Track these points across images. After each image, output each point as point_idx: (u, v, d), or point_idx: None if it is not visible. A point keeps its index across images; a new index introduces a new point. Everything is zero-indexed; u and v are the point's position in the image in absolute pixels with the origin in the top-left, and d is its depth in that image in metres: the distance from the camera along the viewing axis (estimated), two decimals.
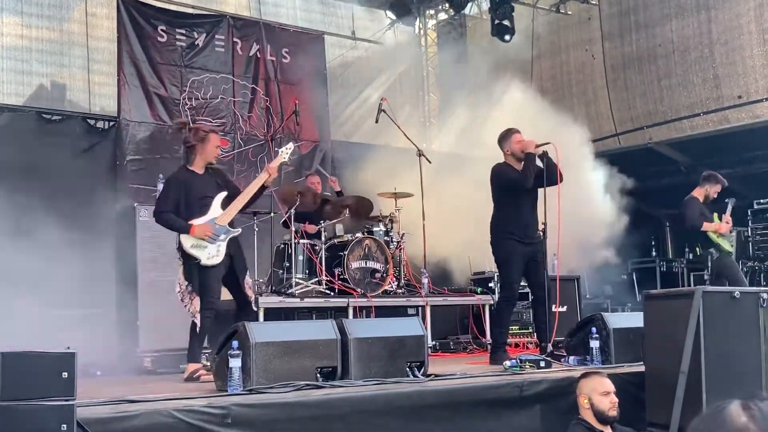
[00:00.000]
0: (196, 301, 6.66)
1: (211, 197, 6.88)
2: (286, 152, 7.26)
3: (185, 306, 6.74)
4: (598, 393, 5.30)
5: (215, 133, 7.09)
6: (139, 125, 11.39)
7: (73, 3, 12.20)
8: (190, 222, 6.69)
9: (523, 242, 7.38)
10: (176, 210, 6.78)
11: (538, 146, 7.29)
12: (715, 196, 9.58)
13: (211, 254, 6.71)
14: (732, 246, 9.45)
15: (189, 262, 6.72)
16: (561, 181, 7.22)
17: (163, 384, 6.42)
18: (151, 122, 11.49)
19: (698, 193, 9.59)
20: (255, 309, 7.10)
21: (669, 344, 5.45)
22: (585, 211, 12.58)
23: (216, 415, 4.58)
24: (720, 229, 9.38)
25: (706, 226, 9.42)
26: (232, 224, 6.97)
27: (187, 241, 6.67)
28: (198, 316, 6.63)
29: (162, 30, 11.72)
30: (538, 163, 7.35)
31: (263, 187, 7.13)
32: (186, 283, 6.73)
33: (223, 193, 6.94)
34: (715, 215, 9.55)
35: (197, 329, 6.65)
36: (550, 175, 7.14)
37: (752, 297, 5.48)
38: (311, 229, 9.66)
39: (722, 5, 13.14)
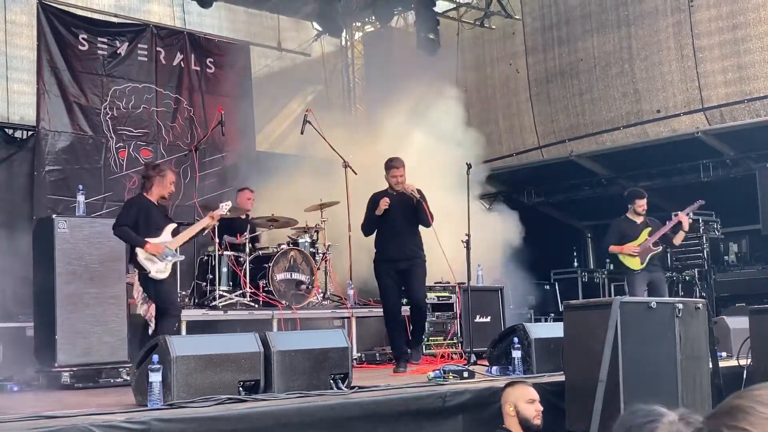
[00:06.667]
0: (152, 308, 7.37)
1: (163, 225, 7.61)
2: (225, 207, 7.91)
3: (144, 313, 7.41)
4: (524, 401, 5.37)
5: (172, 171, 7.87)
6: (58, 135, 11.17)
7: None
8: (146, 239, 7.33)
9: (391, 261, 8.08)
10: (134, 227, 7.42)
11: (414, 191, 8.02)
12: (642, 210, 9.56)
13: (159, 269, 7.36)
14: (642, 264, 9.43)
15: (142, 272, 7.39)
16: (431, 222, 8.03)
17: (82, 399, 6.30)
18: (70, 132, 11.28)
19: (628, 212, 9.64)
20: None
21: (588, 353, 5.54)
22: (509, 222, 12.75)
23: (136, 431, 4.50)
24: (623, 250, 9.40)
25: (612, 248, 9.53)
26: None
27: (141, 254, 7.32)
28: (153, 320, 7.34)
29: (83, 38, 11.51)
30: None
31: (203, 230, 8.00)
32: (142, 291, 7.42)
33: (173, 225, 7.72)
34: (645, 231, 9.49)
35: (150, 332, 7.28)
36: (422, 219, 8.01)
37: (668, 307, 5.62)
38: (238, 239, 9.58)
39: (642, 22, 13.43)
